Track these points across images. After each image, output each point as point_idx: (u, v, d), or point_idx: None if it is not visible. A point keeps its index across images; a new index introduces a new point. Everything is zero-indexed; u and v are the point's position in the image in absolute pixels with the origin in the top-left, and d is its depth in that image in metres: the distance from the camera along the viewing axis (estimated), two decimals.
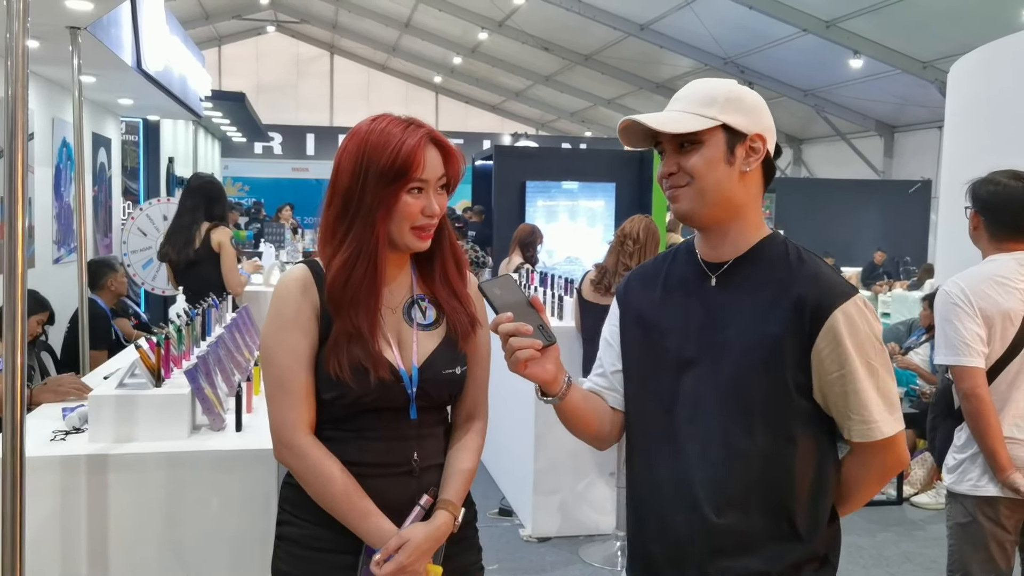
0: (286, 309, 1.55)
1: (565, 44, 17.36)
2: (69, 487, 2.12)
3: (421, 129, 1.55)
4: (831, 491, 1.45)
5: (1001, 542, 2.47)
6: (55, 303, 4.57)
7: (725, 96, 1.42)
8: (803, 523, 1.41)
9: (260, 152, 21.73)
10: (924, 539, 4.42)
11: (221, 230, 4.52)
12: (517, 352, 1.34)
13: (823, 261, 1.45)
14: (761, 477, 1.40)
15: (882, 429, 1.39)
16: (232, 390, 2.57)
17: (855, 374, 1.37)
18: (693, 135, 1.41)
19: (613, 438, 1.60)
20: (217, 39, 23.18)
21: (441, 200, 1.57)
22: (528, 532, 4.29)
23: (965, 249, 2.74)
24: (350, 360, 1.50)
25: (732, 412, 1.41)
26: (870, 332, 1.38)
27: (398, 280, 1.63)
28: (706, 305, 1.46)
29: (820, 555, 1.44)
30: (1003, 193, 2.49)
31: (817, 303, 1.37)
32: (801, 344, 1.38)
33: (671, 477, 1.46)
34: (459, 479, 1.59)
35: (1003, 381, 2.44)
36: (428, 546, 1.52)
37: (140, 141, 9.39)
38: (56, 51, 4.54)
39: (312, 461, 1.52)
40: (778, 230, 1.54)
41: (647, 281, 1.57)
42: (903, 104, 14.54)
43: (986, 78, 4.54)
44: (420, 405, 1.57)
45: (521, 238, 6.67)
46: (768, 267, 1.44)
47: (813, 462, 1.42)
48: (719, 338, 1.43)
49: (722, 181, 1.42)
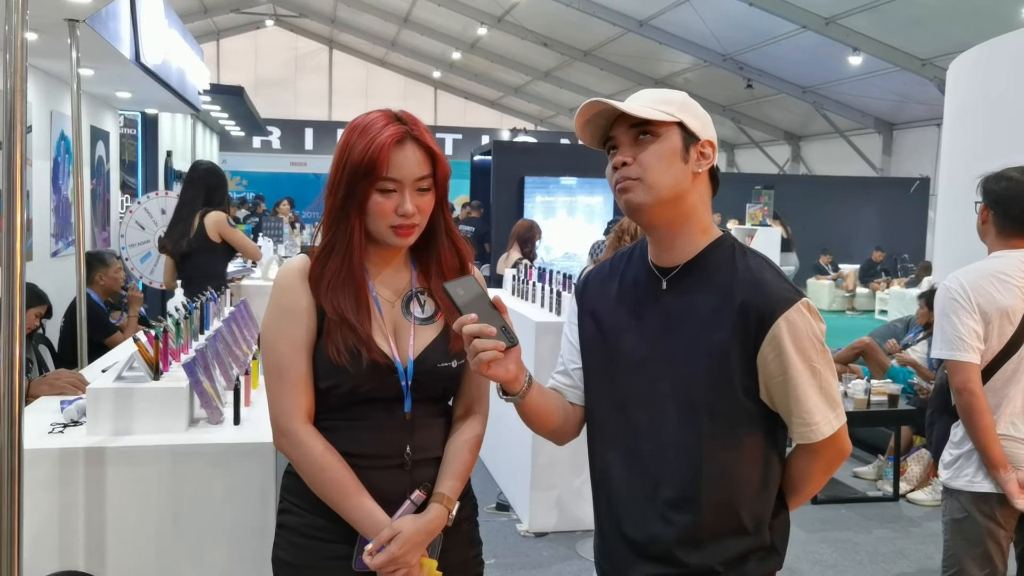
0: (284, 299, 1.58)
1: (564, 40, 17.34)
2: (67, 480, 2.13)
3: (399, 127, 1.54)
4: (776, 486, 1.51)
5: (996, 538, 2.48)
6: (53, 297, 4.56)
7: (681, 101, 1.47)
8: (750, 517, 1.47)
9: (258, 146, 21.72)
10: (920, 536, 4.44)
11: (214, 215, 4.48)
12: (480, 354, 1.36)
13: (769, 265, 1.48)
14: (710, 475, 1.44)
15: (822, 430, 1.44)
16: (230, 384, 2.57)
17: (798, 379, 1.41)
18: (651, 127, 1.43)
19: (571, 433, 1.63)
20: (216, 33, 23.13)
21: (421, 200, 1.56)
22: (525, 527, 4.30)
23: (963, 246, 2.75)
24: (345, 344, 1.53)
25: (683, 413, 1.45)
26: (812, 335, 1.42)
27: (395, 274, 1.65)
28: (657, 308, 1.50)
29: (766, 545, 1.50)
30: (1015, 188, 2.49)
31: (759, 311, 1.41)
32: (746, 349, 1.42)
33: (625, 475, 1.51)
34: (455, 473, 1.60)
35: (1000, 379, 2.45)
36: (420, 539, 1.53)
37: (138, 135, 9.38)
38: (54, 44, 4.53)
39: (308, 449, 1.54)
40: (727, 230, 1.58)
41: (604, 280, 1.61)
42: (902, 101, 14.54)
43: (985, 76, 4.55)
44: (416, 398, 1.58)
45: (519, 234, 6.67)
46: (715, 272, 1.47)
47: (760, 460, 1.47)
48: (670, 341, 1.47)
49: (676, 176, 1.44)
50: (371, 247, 1.61)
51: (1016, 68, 4.17)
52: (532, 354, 4.21)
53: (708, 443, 1.44)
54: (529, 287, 4.95)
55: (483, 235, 11.00)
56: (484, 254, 11.16)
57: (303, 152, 22.15)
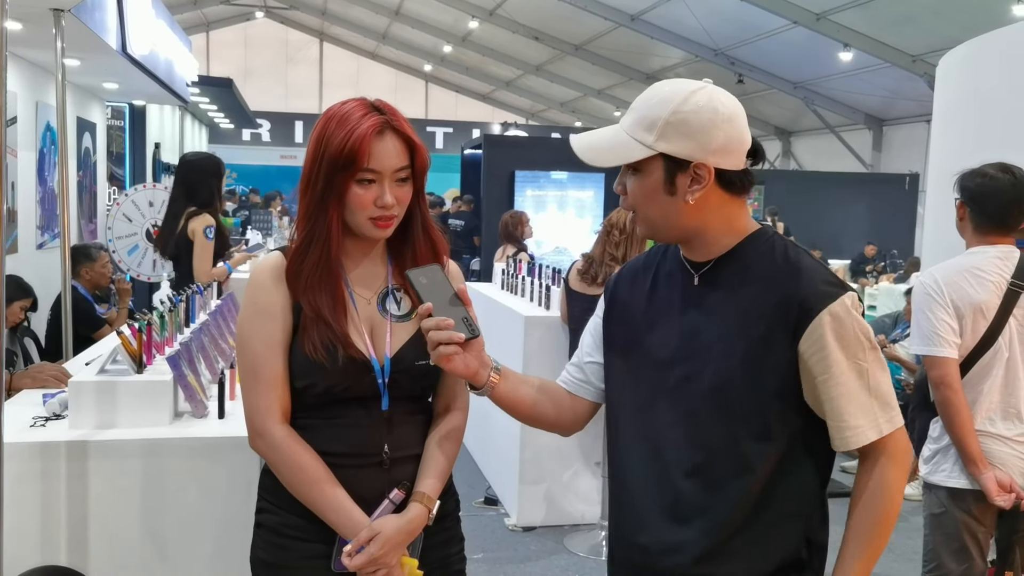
0: (259, 297, 1.55)
1: (556, 34, 17.31)
2: (49, 473, 2.10)
3: (378, 117, 1.49)
4: (814, 499, 1.40)
5: (974, 533, 2.49)
6: (39, 289, 4.52)
7: (666, 118, 1.31)
8: (782, 530, 1.37)
9: (248, 139, 21.61)
10: (907, 530, 4.45)
11: (198, 219, 4.34)
12: (438, 348, 1.33)
13: (811, 257, 1.38)
14: (739, 481, 1.35)
15: (867, 434, 1.33)
16: (215, 377, 2.55)
17: (840, 378, 1.31)
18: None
19: (574, 426, 1.60)
20: (205, 24, 22.99)
21: (400, 191, 1.52)
22: (513, 521, 4.30)
23: (951, 242, 2.75)
24: (321, 341, 1.50)
25: (711, 413, 1.36)
26: (858, 331, 1.32)
27: (372, 269, 1.61)
28: (689, 304, 1.41)
29: (800, 560, 1.39)
30: (990, 185, 2.48)
31: (801, 304, 1.31)
32: (787, 346, 1.32)
33: (645, 477, 1.43)
34: (434, 472, 1.57)
35: (975, 374, 2.46)
36: (400, 539, 1.50)
37: (126, 126, 9.31)
38: (39, 33, 4.48)
39: (284, 450, 1.52)
40: (766, 224, 1.49)
41: (637, 276, 1.54)
42: (892, 98, 14.59)
43: (974, 72, 4.55)
44: (393, 396, 1.55)
45: (504, 230, 6.63)
46: (752, 266, 1.37)
47: (794, 474, 1.37)
48: (701, 339, 1.38)
49: (667, 212, 1.36)
50: (348, 240, 1.57)
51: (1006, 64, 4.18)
52: (520, 348, 4.20)
53: (740, 446, 1.34)
54: (519, 281, 4.94)
55: (473, 229, 10.98)
56: (474, 248, 11.15)
57: (293, 145, 22.05)
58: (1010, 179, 2.47)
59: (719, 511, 1.36)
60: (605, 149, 1.38)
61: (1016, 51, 4.16)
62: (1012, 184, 2.47)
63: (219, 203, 4.58)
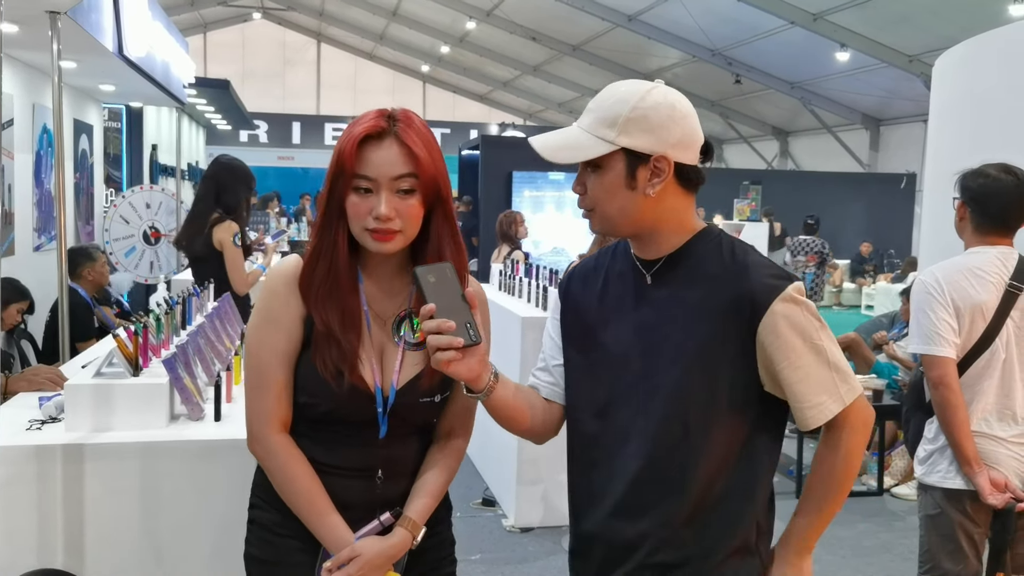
0: (272, 305, 1.52)
1: (553, 34, 17.31)
2: (45, 477, 2.10)
3: (377, 122, 1.44)
4: (765, 488, 1.46)
5: (970, 533, 2.48)
6: (36, 291, 4.52)
7: (627, 115, 1.37)
8: (736, 518, 1.43)
9: (245, 140, 21.57)
10: (903, 529, 4.46)
11: (223, 227, 4.23)
12: (437, 353, 1.32)
13: (756, 253, 1.44)
14: (696, 474, 1.40)
15: (830, 407, 1.38)
16: (212, 380, 2.54)
17: (801, 361, 1.37)
18: (593, 158, 1.39)
19: (550, 432, 1.59)
20: (203, 26, 22.97)
21: (402, 204, 1.43)
22: (511, 522, 4.29)
23: (948, 242, 2.75)
24: (332, 360, 1.47)
25: (669, 409, 1.41)
26: (809, 314, 1.39)
27: (393, 286, 1.55)
28: (642, 303, 1.45)
29: (749, 546, 1.45)
30: (992, 186, 2.47)
31: (753, 299, 1.37)
32: (742, 339, 1.38)
33: (605, 471, 1.46)
34: (426, 497, 1.55)
35: (972, 375, 2.45)
36: (380, 562, 1.49)
37: (123, 128, 9.30)
38: (36, 36, 4.47)
39: (280, 459, 1.51)
40: (712, 223, 1.53)
41: (588, 275, 1.57)
42: (889, 97, 14.60)
43: (971, 72, 4.55)
44: (392, 424, 1.52)
45: (500, 230, 6.66)
46: (702, 263, 1.43)
47: (749, 458, 1.42)
48: (654, 336, 1.42)
49: (625, 206, 1.41)
50: (369, 254, 1.50)
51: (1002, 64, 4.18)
52: (518, 349, 4.20)
53: (693, 439, 1.39)
54: (516, 282, 4.94)
55: (471, 230, 10.98)
56: (472, 249, 11.14)
57: (290, 146, 22.04)
58: (1013, 180, 2.46)
59: (674, 502, 1.41)
60: (568, 148, 1.41)
61: (1013, 51, 4.16)
62: (1015, 185, 2.45)
63: (246, 214, 4.47)
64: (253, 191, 4.58)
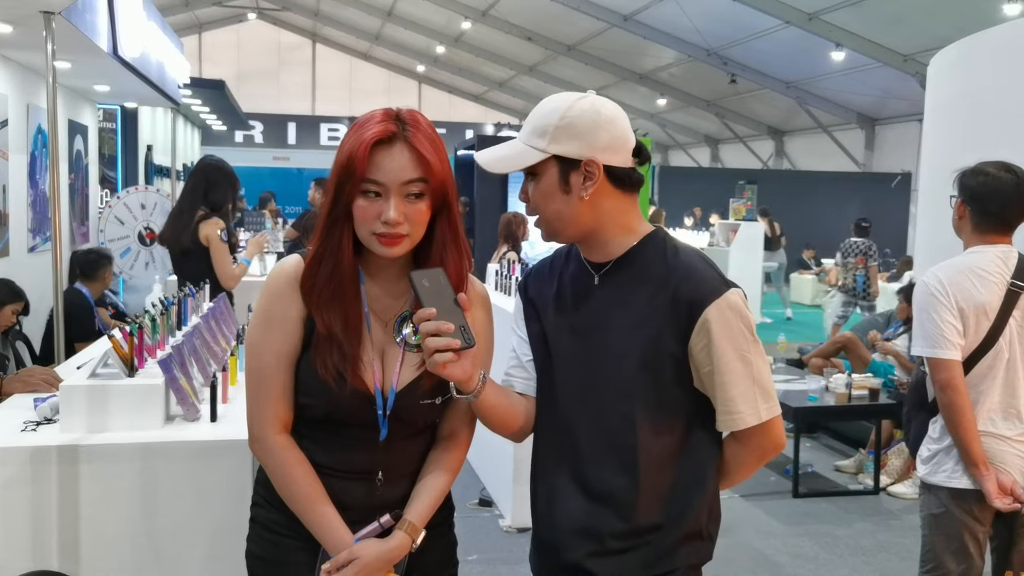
0: (274, 306, 1.51)
1: (548, 34, 17.31)
2: (40, 478, 2.10)
3: (388, 126, 1.42)
4: (711, 477, 1.53)
5: (974, 533, 2.48)
6: (30, 293, 4.51)
7: (556, 124, 1.44)
8: (685, 507, 1.49)
9: (241, 141, 21.55)
10: (900, 528, 4.46)
11: (210, 223, 4.25)
12: (435, 355, 1.34)
13: (700, 257, 1.50)
14: (645, 465, 1.47)
15: (746, 419, 1.45)
16: (207, 380, 2.54)
17: (725, 368, 1.43)
18: (530, 167, 1.46)
19: (529, 428, 1.61)
20: (197, 26, 22.94)
21: (411, 208, 1.42)
22: (508, 523, 4.29)
23: (944, 241, 2.75)
24: (332, 363, 1.47)
25: (616, 404, 1.48)
26: (742, 325, 1.44)
27: (395, 288, 1.54)
28: (591, 304, 1.52)
29: (700, 533, 1.52)
30: (992, 184, 2.45)
31: (690, 301, 1.43)
32: (678, 339, 1.44)
33: (560, 470, 1.53)
34: (426, 499, 1.55)
35: (976, 375, 2.44)
36: (378, 565, 1.48)
37: (118, 128, 9.27)
38: (30, 36, 4.47)
39: (280, 459, 1.51)
40: (659, 226, 1.59)
41: (543, 278, 1.63)
42: (884, 97, 14.63)
43: (965, 72, 4.57)
44: (393, 427, 1.52)
45: (503, 230, 6.66)
46: (646, 266, 1.49)
47: (695, 450, 1.50)
48: (602, 337, 1.49)
49: (562, 210, 1.47)
50: (371, 256, 1.49)
51: (997, 63, 4.19)
52: None
53: (642, 434, 1.46)
54: (512, 282, 4.94)
55: (467, 230, 10.96)
56: None
57: (286, 146, 22.01)
58: (1013, 178, 2.44)
59: (628, 493, 1.48)
60: (505, 159, 1.49)
61: (1006, 50, 4.17)
62: (1015, 183, 2.44)
63: (231, 213, 4.49)
64: (239, 192, 4.63)
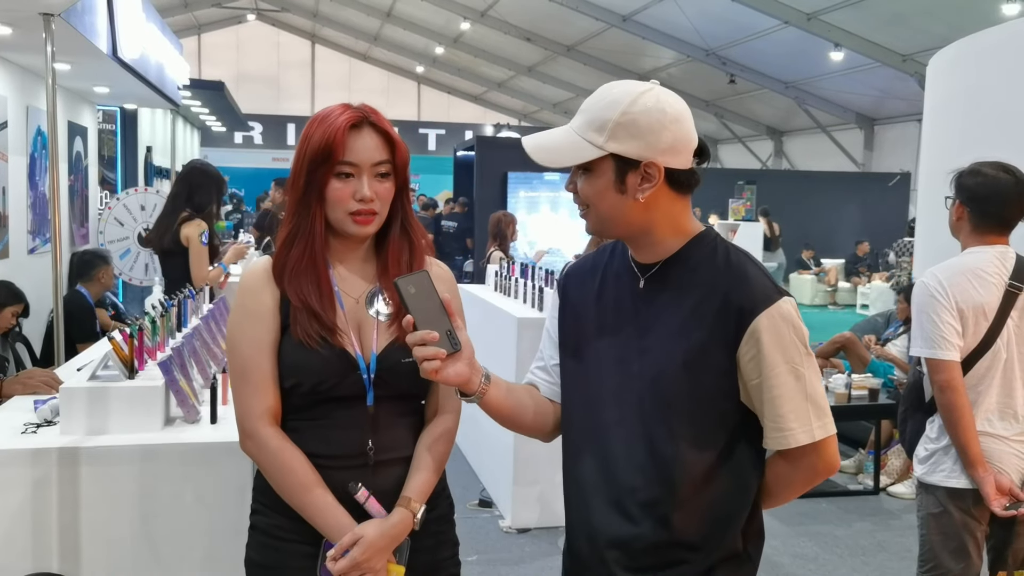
0: (248, 300, 1.57)
1: (547, 35, 17.32)
2: (40, 480, 2.10)
3: (355, 112, 1.53)
4: (751, 492, 1.43)
5: (973, 532, 2.48)
6: (30, 294, 4.50)
7: (616, 119, 1.34)
8: (723, 523, 1.41)
9: (240, 142, 21.56)
10: (900, 528, 4.46)
11: (192, 224, 4.32)
12: (423, 364, 1.33)
13: (752, 261, 1.41)
14: (682, 478, 1.38)
15: (797, 437, 1.36)
16: (208, 382, 2.54)
17: (776, 380, 1.34)
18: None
19: (551, 431, 1.58)
20: (197, 27, 22.94)
21: (380, 187, 1.54)
22: (508, 523, 4.29)
23: (944, 242, 2.74)
24: (314, 330, 1.52)
25: (656, 413, 1.39)
26: (795, 336, 1.35)
27: (360, 268, 1.62)
28: (635, 307, 1.44)
29: (739, 552, 1.44)
30: (990, 185, 2.44)
31: (741, 307, 1.34)
32: (726, 348, 1.36)
33: (594, 478, 1.46)
34: (421, 476, 1.57)
35: (974, 375, 2.44)
36: (383, 543, 1.50)
37: (117, 130, 9.27)
38: (30, 38, 4.46)
39: (273, 452, 1.52)
40: (710, 226, 1.51)
41: (585, 275, 1.56)
42: (883, 97, 14.64)
43: (965, 72, 4.57)
44: (379, 395, 1.55)
45: (491, 230, 6.67)
46: (696, 269, 1.40)
47: (736, 464, 1.40)
48: (645, 341, 1.42)
49: (616, 208, 1.38)
50: (334, 240, 1.59)
51: (996, 63, 4.19)
52: (514, 350, 4.20)
53: (681, 444, 1.38)
54: (511, 283, 4.94)
55: (466, 231, 10.98)
56: (467, 250, 11.15)
57: (285, 147, 21.99)
58: (1011, 179, 2.44)
59: (664, 506, 1.39)
60: (557, 150, 1.39)
61: (1005, 50, 4.17)
62: (1013, 183, 2.43)
63: (215, 215, 4.59)
64: (224, 192, 4.73)
